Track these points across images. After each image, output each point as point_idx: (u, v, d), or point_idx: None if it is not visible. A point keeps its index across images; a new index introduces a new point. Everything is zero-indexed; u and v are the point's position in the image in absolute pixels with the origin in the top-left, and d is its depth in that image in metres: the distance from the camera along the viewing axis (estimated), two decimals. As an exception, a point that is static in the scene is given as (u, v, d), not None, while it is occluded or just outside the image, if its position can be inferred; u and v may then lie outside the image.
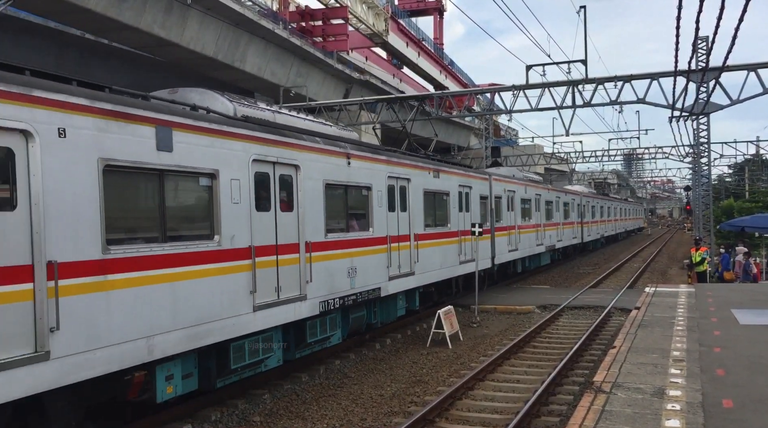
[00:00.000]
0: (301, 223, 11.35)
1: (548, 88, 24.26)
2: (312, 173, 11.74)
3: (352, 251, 13.01)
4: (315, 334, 11.96)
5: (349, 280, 12.85)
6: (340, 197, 12.93)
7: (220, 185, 9.43)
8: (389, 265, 14.50)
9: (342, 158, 12.84)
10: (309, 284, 11.38)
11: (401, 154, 16.12)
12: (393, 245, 14.76)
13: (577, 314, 19.06)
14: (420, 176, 16.43)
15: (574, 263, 38.03)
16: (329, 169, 12.35)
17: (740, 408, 7.28)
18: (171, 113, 8.76)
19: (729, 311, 14.06)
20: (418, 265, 15.98)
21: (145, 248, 8.16)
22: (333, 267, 12.28)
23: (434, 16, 65.05)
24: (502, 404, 10.39)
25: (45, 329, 6.76)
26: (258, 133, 10.44)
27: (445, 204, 18.20)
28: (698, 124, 31.21)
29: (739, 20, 9.42)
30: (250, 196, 10.05)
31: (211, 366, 9.61)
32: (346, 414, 10.16)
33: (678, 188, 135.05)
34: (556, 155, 55.70)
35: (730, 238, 32.14)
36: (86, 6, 20.46)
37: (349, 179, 13.08)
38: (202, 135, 9.18)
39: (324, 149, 12.29)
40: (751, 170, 64.89)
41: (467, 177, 20.08)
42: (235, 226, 9.66)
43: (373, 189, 13.96)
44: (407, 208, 15.64)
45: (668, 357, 9.86)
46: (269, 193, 10.64)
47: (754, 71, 21.54)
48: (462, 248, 19.13)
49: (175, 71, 30.18)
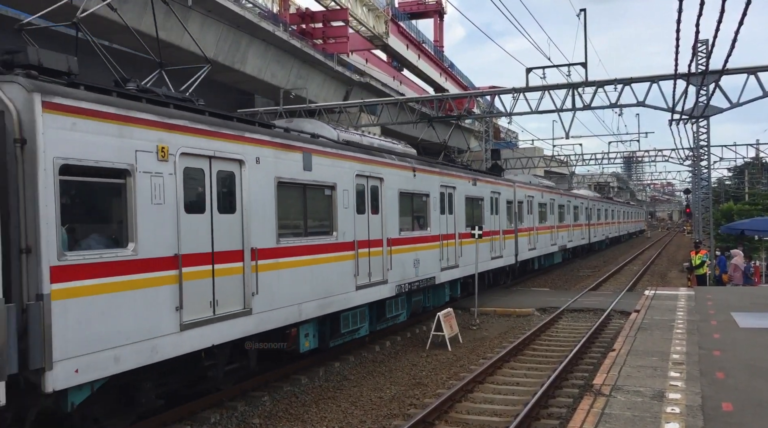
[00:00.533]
0: (384, 223, 14.19)
1: (548, 91, 24.30)
2: (391, 184, 14.61)
3: (416, 246, 15.84)
4: (391, 311, 14.96)
5: (415, 270, 15.64)
6: (408, 202, 15.73)
7: (337, 194, 12.43)
8: (441, 258, 17.41)
9: (410, 171, 15.77)
10: (389, 271, 14.32)
11: (449, 166, 19.43)
12: (444, 242, 17.65)
13: (576, 316, 19.06)
14: (462, 184, 19.49)
15: (574, 265, 38.05)
16: (402, 180, 15.23)
17: (740, 411, 7.27)
18: (311, 143, 11.79)
19: (729, 315, 14.05)
20: (461, 259, 18.91)
21: (296, 240, 11.24)
22: (404, 259, 15.11)
23: (434, 18, 65.11)
24: (502, 407, 10.38)
25: (250, 293, 9.82)
26: (358, 154, 13.39)
27: (480, 208, 21.17)
28: (698, 127, 31.21)
29: (739, 23, 9.44)
30: (354, 202, 12.96)
31: (326, 331, 12.58)
32: (346, 416, 10.15)
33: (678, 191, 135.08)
34: (556, 158, 55.74)
35: (730, 241, 32.14)
36: (86, 7, 20.48)
37: (414, 188, 15.97)
38: (328, 158, 12.16)
39: (398, 164, 15.23)
40: (750, 173, 64.94)
41: (497, 184, 23.26)
42: (344, 225, 12.61)
43: (430, 196, 16.91)
44: (453, 211, 18.49)
45: (668, 360, 9.85)
46: (364, 200, 13.51)
47: (754, 75, 21.58)
48: (492, 246, 22.28)
49: (175, 73, 30.21)
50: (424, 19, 64.19)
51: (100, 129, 7.61)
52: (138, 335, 7.92)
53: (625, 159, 68.74)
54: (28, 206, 6.84)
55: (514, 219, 25.02)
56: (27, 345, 6.71)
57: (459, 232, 18.67)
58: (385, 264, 14.18)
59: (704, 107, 22.92)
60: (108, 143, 7.70)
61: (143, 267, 8.06)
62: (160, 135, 8.46)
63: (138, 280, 7.98)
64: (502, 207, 23.29)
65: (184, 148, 8.79)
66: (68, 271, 7.14)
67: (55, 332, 6.92)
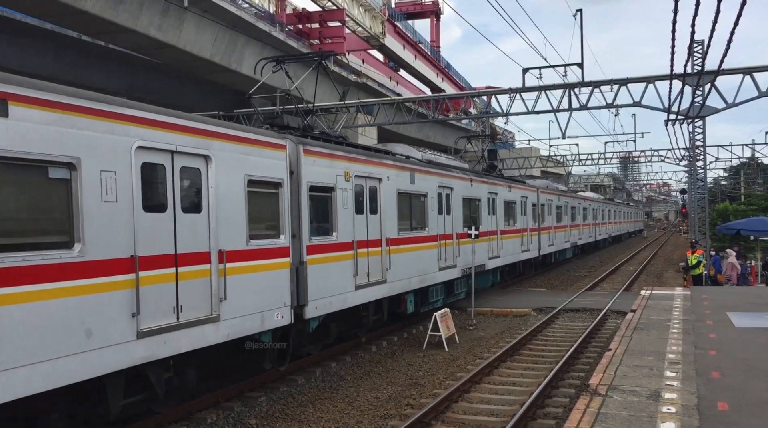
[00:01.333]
0: (454, 222, 18.89)
1: (545, 92, 24.31)
2: (459, 192, 19.43)
3: (468, 240, 19.25)
4: (457, 288, 19.76)
5: (472, 257, 19.63)
6: (467, 205, 20.43)
7: (428, 199, 17.17)
8: (489, 250, 21.99)
9: (467, 181, 20.46)
10: (457, 258, 18.98)
11: (494, 177, 24.12)
12: (491, 237, 22.40)
13: (573, 316, 19.08)
14: (503, 190, 24.21)
15: (570, 265, 38.13)
16: (464, 189, 19.99)
17: (735, 411, 7.30)
18: (413, 164, 16.67)
19: (724, 314, 14.09)
20: (502, 251, 23.70)
21: (408, 232, 15.94)
22: (465, 249, 19.48)
23: (431, 18, 65.14)
24: (498, 407, 10.39)
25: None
26: (439, 170, 18.25)
27: (514, 210, 25.69)
28: (694, 127, 31.31)
29: (735, 24, 9.46)
30: (437, 206, 17.71)
31: (419, 300, 17.08)
32: (342, 416, 10.15)
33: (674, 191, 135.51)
34: (552, 158, 55.79)
35: (726, 241, 32.24)
36: (83, 8, 20.44)
37: (471, 195, 20.70)
38: (425, 175, 17.07)
39: (462, 176, 20.01)
40: (746, 173, 65.13)
41: (525, 190, 27.75)
42: (432, 223, 17.43)
43: (482, 201, 21.64)
44: (495, 213, 22.99)
45: (664, 360, 9.88)
46: (441, 204, 18.09)
47: (750, 75, 21.62)
48: (523, 242, 26.87)
49: (171, 73, 30.18)
50: (421, 20, 64.21)
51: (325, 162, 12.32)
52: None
53: (622, 159, 68.83)
54: (293, 210, 11.32)
55: (538, 219, 29.35)
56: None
57: (500, 229, 23.56)
58: (455, 253, 18.92)
59: (700, 107, 22.96)
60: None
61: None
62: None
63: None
64: (528, 209, 27.72)
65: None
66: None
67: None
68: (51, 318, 6.92)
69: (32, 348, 6.72)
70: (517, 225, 25.67)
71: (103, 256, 7.55)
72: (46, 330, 6.86)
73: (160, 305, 8.31)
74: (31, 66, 23.67)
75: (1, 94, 6.57)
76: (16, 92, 6.71)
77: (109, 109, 7.79)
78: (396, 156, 16.41)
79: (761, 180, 64.39)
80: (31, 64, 23.96)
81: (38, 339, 6.78)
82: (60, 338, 6.98)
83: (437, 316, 14.87)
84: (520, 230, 26.25)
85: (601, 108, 24.21)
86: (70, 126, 7.24)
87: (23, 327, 6.66)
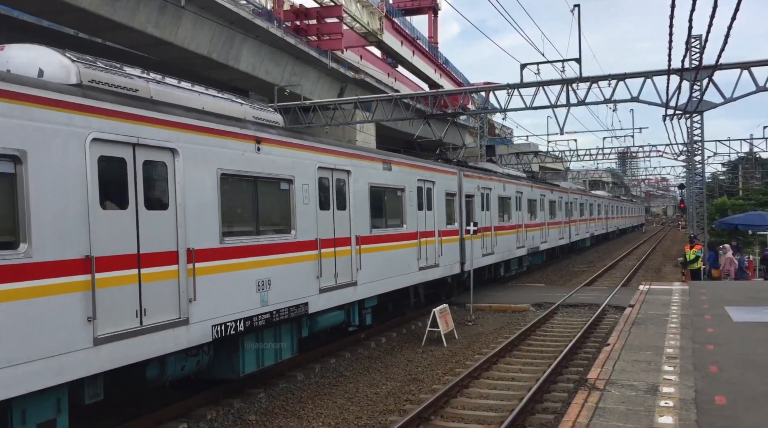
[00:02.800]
0: (535, 215, 26.93)
1: (543, 87, 24.28)
2: (546, 197, 29.15)
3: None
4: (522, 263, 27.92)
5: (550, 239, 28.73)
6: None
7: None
8: (517, 240, 26.67)
9: (529, 188, 27.79)
10: (542, 240, 28.77)
11: (521, 178, 29.91)
12: (519, 230, 27.02)
13: (571, 312, 19.12)
14: (527, 190, 28.90)
15: (569, 261, 38.20)
16: (538, 194, 27.70)
17: (733, 404, 7.33)
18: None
19: (722, 309, 14.12)
20: (549, 237, 32.11)
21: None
22: (533, 235, 28.66)
23: (429, 14, 64.96)
24: (497, 402, 10.42)
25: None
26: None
27: (535, 207, 30.31)
28: (692, 122, 31.28)
29: (732, 18, 9.46)
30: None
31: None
32: (342, 412, 10.18)
33: (672, 186, 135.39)
34: (550, 154, 55.75)
35: (724, 236, 32.28)
36: (79, 5, 20.38)
37: (504, 193, 25.16)
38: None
39: (526, 184, 26.95)
40: (744, 168, 65.14)
41: (544, 189, 32.66)
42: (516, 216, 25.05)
43: (522, 199, 27.74)
44: (521, 208, 27.38)
45: (662, 355, 9.91)
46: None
47: (747, 70, 21.60)
48: (561, 232, 35.28)
49: (169, 70, 30.10)
50: (419, 16, 64.03)
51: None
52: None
53: (620, 155, 68.82)
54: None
55: (569, 215, 38.16)
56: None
57: (525, 223, 27.94)
58: (544, 234, 28.37)
59: (698, 102, 22.96)
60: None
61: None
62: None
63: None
64: (546, 204, 32.82)
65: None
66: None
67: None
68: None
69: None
70: (557, 219, 35.02)
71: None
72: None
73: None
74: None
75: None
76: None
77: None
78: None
79: (759, 175, 64.40)
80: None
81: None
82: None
83: (436, 312, 14.90)
84: (560, 222, 35.86)
85: (599, 103, 24.18)
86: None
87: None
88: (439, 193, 18.52)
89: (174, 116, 8.80)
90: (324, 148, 12.58)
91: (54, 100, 7.09)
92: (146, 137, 8.25)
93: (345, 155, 13.27)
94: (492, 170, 26.65)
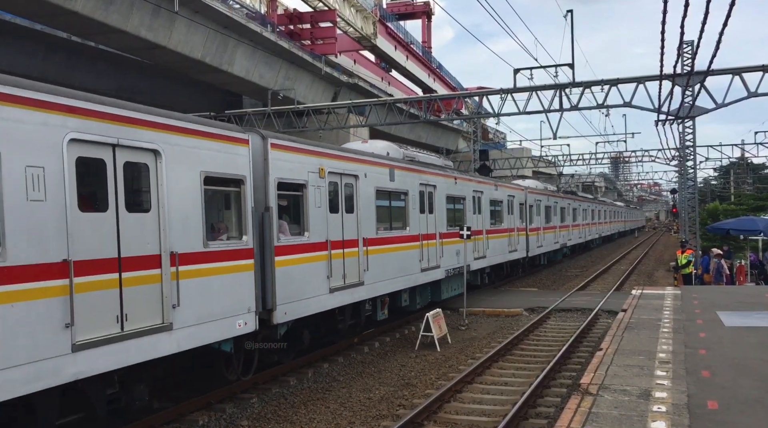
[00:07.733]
0: (544, 219, 30.50)
1: (536, 92, 24.39)
2: (552, 203, 33.25)
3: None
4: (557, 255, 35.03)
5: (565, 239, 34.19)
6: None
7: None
8: (555, 238, 33.41)
9: (548, 196, 32.38)
10: (561, 238, 35.73)
11: (570, 194, 36.49)
12: (530, 233, 29.39)
13: (564, 316, 19.14)
14: (543, 198, 31.93)
15: (562, 266, 38.28)
16: (552, 201, 32.85)
17: (725, 409, 7.34)
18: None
19: (714, 314, 14.17)
20: (569, 238, 38.14)
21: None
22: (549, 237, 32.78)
23: (422, 19, 65.16)
24: (490, 406, 10.41)
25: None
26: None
27: (550, 212, 33.44)
28: (684, 127, 31.47)
29: (724, 25, 9.53)
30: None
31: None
32: (335, 417, 10.15)
33: (664, 191, 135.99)
34: (543, 159, 55.92)
35: (716, 241, 32.41)
36: (72, 8, 20.35)
37: (550, 204, 30.40)
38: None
39: (552, 193, 31.51)
40: (736, 173, 65.50)
41: (558, 197, 36.69)
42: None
43: (575, 208, 37.32)
44: (541, 214, 30.95)
45: (654, 359, 9.93)
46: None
47: (739, 75, 21.76)
48: (557, 236, 35.78)
49: (162, 74, 30.07)
50: (412, 20, 64.23)
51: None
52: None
53: (613, 159, 69.17)
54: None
55: (586, 219, 45.38)
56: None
57: (533, 227, 29.98)
58: (556, 236, 31.15)
59: (690, 107, 23.10)
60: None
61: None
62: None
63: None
64: (579, 212, 39.64)
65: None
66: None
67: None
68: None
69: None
70: (578, 222, 41.83)
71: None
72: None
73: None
74: (21, 67, 23.56)
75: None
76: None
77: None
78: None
79: (751, 180, 64.78)
80: (20, 64, 23.83)
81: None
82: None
83: (429, 316, 14.88)
84: (579, 225, 42.28)
85: (592, 108, 24.33)
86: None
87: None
88: (559, 207, 32.66)
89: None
90: (536, 191, 19.22)
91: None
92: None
93: (543, 193, 23.59)
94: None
